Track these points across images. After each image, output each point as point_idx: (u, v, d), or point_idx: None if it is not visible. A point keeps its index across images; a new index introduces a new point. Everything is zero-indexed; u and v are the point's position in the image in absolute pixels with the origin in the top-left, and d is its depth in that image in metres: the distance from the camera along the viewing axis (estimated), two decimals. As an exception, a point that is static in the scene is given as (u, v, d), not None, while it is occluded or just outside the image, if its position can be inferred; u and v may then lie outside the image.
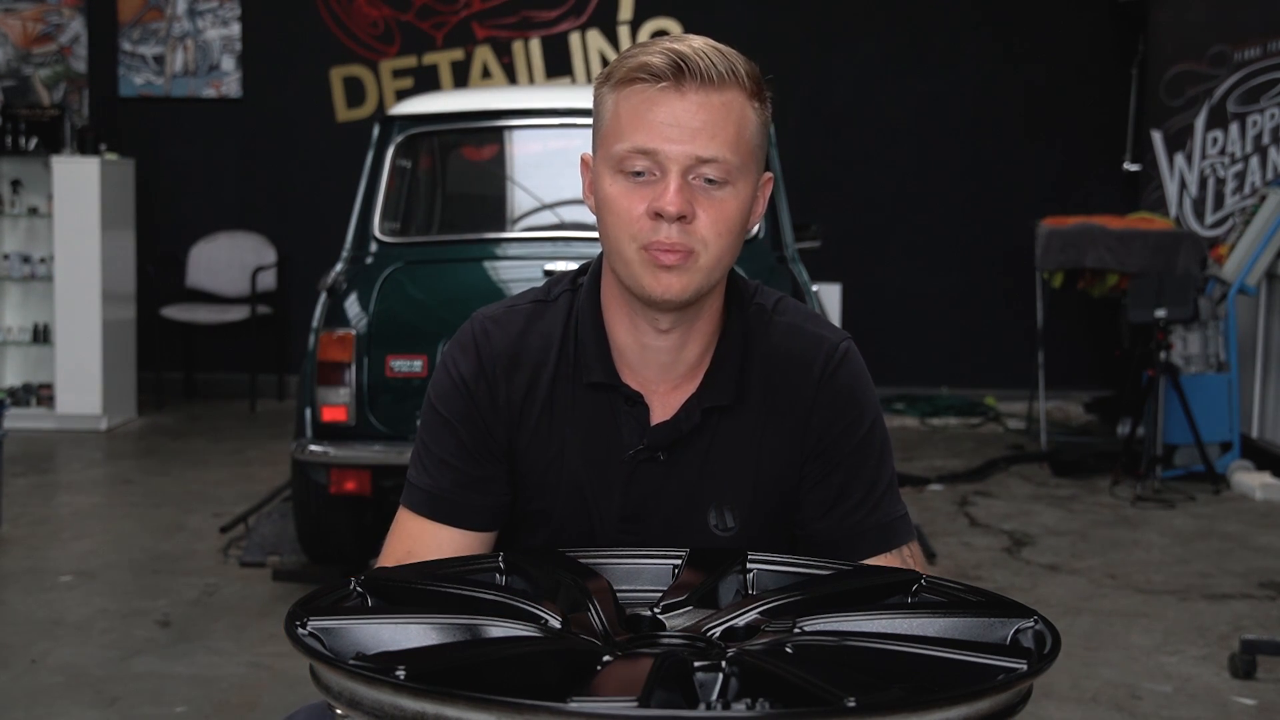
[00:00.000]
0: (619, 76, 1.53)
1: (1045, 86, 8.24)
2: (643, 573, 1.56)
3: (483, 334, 1.66)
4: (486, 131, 5.10)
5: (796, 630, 1.30)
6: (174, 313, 8.05)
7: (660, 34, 8.18)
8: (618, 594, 1.44)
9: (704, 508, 1.64)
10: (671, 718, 1.13)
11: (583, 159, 1.63)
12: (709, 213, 1.52)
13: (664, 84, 1.50)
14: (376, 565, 1.64)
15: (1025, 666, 1.20)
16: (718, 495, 1.64)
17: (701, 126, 1.50)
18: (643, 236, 1.52)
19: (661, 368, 1.63)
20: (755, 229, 1.65)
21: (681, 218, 1.50)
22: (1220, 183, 7.40)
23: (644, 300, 1.56)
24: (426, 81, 8.26)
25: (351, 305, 4.34)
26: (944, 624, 1.33)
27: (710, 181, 1.52)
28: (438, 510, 1.64)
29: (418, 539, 1.64)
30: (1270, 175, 7.20)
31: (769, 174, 1.61)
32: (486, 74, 8.34)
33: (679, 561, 1.56)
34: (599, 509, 1.65)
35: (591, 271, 1.69)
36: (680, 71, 1.49)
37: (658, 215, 1.51)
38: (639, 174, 1.52)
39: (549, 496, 1.66)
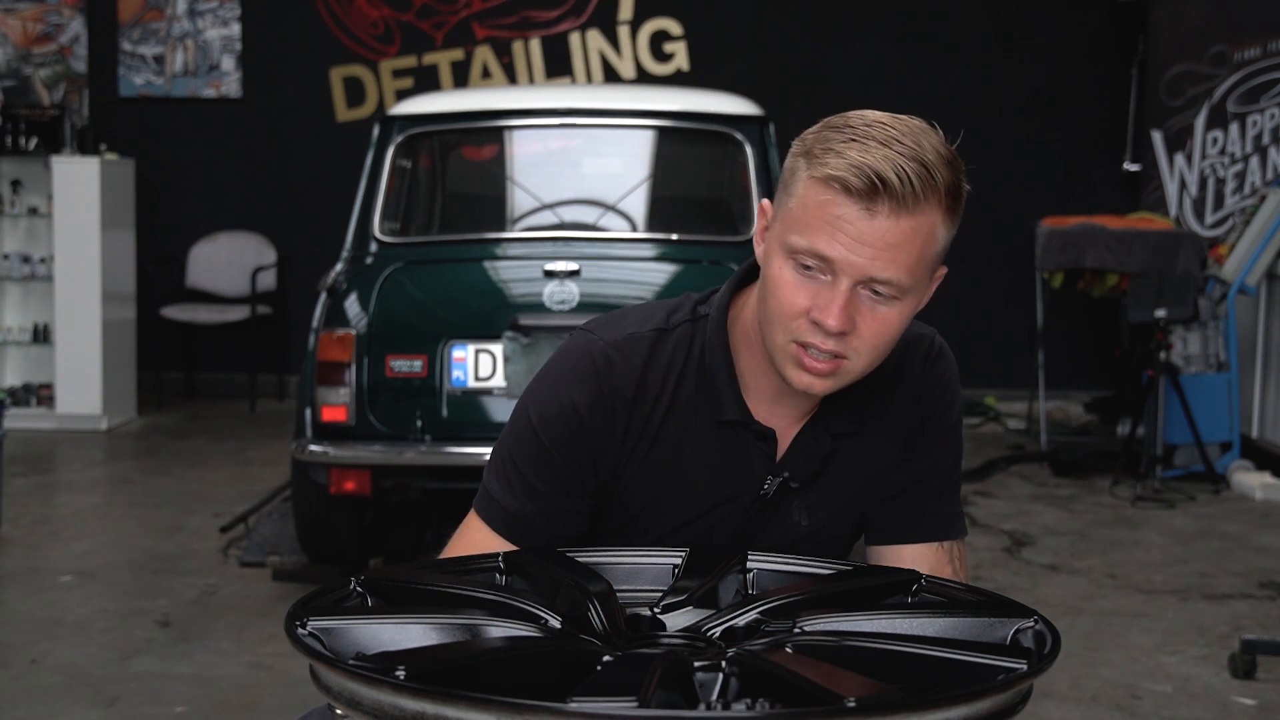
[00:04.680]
0: (815, 171, 1.46)
1: (1045, 86, 8.23)
2: (643, 573, 1.56)
3: (605, 362, 1.60)
4: (486, 131, 5.09)
5: (796, 630, 1.30)
6: (174, 313, 8.05)
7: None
8: (618, 594, 1.44)
9: (798, 510, 1.67)
10: (671, 718, 1.13)
11: (761, 206, 1.57)
12: (869, 325, 1.49)
13: (855, 204, 1.43)
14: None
15: (1025, 666, 1.20)
16: (814, 500, 1.66)
17: (883, 249, 1.44)
18: (798, 334, 1.49)
19: (793, 407, 1.63)
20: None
21: (842, 333, 1.48)
22: (1220, 183, 7.39)
23: (785, 382, 1.56)
24: (426, 81, 8.26)
25: (351, 305, 4.34)
26: (944, 624, 1.33)
27: (877, 294, 1.48)
28: (514, 532, 1.61)
29: (471, 534, 1.64)
30: (1270, 175, 7.20)
31: (944, 269, 1.56)
32: (486, 74, 8.34)
33: (679, 561, 1.56)
34: (717, 537, 1.64)
35: (718, 305, 1.64)
36: (875, 192, 1.42)
37: (816, 322, 1.48)
38: (809, 268, 1.48)
39: (654, 527, 1.65)
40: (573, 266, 4.31)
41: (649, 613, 1.41)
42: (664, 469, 1.62)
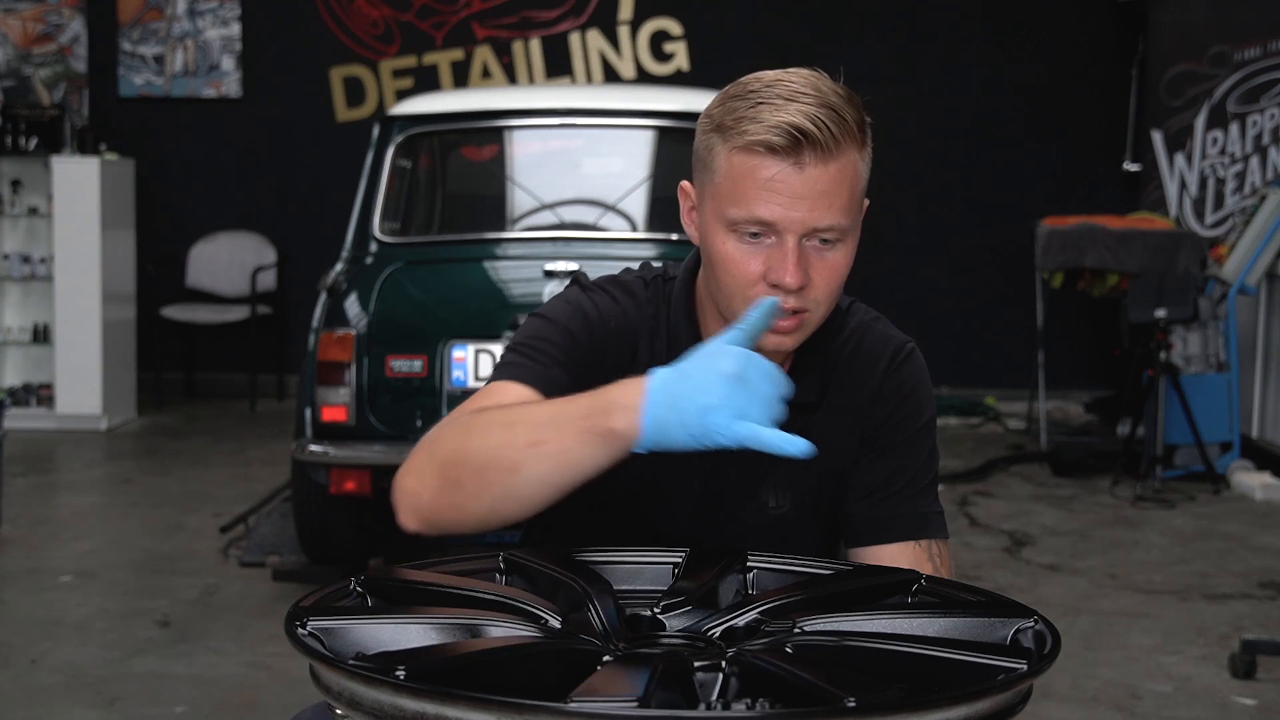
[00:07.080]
0: (735, 142, 1.51)
1: (1045, 86, 8.23)
2: (643, 573, 1.56)
3: (590, 303, 1.68)
4: (486, 131, 5.10)
5: (796, 630, 1.30)
6: (174, 313, 8.05)
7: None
8: (618, 594, 1.44)
9: (766, 490, 1.70)
10: (671, 718, 1.13)
11: (681, 188, 1.63)
12: (822, 274, 1.55)
13: (781, 161, 1.49)
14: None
15: (1025, 666, 1.20)
16: (781, 479, 1.69)
17: (819, 198, 1.50)
18: (759, 299, 1.52)
19: None
20: None
21: (800, 288, 1.53)
22: (1220, 183, 7.39)
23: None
24: (426, 81, 8.26)
25: (351, 305, 4.34)
26: (944, 624, 1.33)
27: (825, 241, 1.54)
28: (523, 375, 1.60)
29: (494, 394, 1.61)
30: (1270, 175, 7.20)
31: (866, 200, 1.63)
32: (486, 74, 8.34)
33: (679, 561, 1.56)
34: (676, 496, 1.69)
35: (685, 271, 1.71)
36: (798, 146, 1.48)
37: (775, 284, 1.52)
38: (755, 235, 1.53)
39: (616, 475, 1.66)
40: (573, 266, 4.31)
41: (649, 613, 1.41)
42: None
